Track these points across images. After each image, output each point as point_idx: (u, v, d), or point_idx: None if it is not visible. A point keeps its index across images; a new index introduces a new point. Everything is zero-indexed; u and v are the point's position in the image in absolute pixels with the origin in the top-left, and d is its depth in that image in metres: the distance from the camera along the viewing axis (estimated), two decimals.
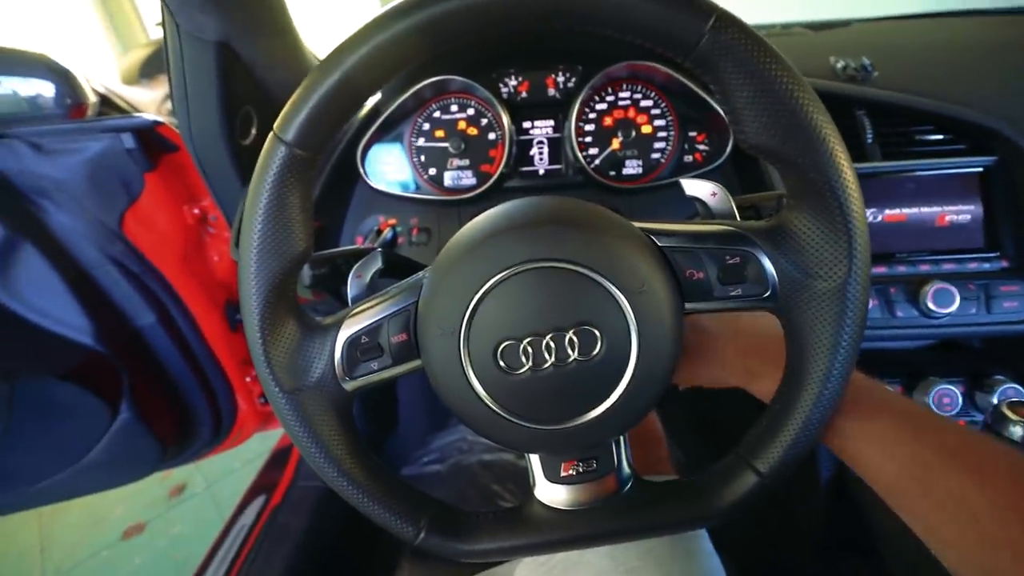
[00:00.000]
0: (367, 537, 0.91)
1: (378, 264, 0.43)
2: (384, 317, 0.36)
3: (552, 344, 0.32)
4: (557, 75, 0.67)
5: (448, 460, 1.05)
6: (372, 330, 0.36)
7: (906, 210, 0.62)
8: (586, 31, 0.31)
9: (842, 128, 0.65)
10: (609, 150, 0.67)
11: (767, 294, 0.34)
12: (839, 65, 0.69)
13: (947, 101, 0.62)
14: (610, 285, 0.32)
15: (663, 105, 0.66)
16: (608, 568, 0.49)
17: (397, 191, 0.69)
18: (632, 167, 0.67)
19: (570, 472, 0.38)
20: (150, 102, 0.97)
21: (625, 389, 0.33)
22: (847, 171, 0.31)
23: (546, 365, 0.32)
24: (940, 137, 0.63)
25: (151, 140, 0.77)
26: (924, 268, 0.61)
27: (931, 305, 0.57)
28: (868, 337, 0.59)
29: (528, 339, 0.32)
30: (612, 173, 0.67)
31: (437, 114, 0.69)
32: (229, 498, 1.52)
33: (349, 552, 0.90)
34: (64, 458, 0.82)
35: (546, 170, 0.68)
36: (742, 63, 0.30)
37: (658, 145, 0.67)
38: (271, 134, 0.33)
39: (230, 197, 0.69)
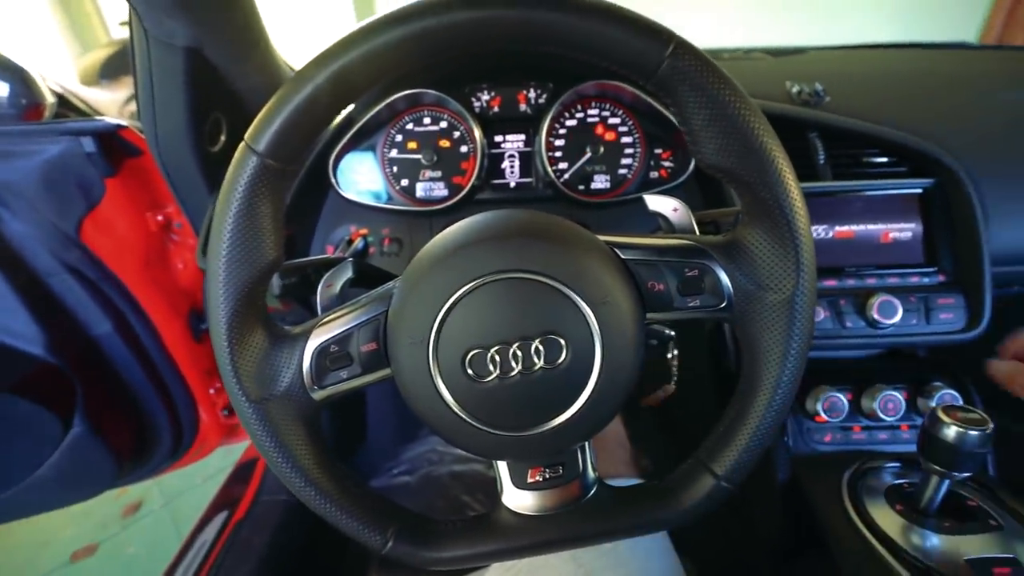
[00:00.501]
0: (334, 551, 0.89)
1: (348, 274, 0.44)
2: (354, 326, 0.37)
3: (519, 353, 0.33)
4: (528, 91, 0.69)
5: (418, 471, 1.04)
6: (342, 339, 0.37)
7: (854, 227, 0.66)
8: (553, 53, 0.32)
9: (796, 149, 0.68)
10: (578, 165, 0.69)
11: (723, 305, 0.36)
12: (794, 89, 0.73)
13: (892, 127, 0.66)
14: (575, 296, 0.33)
15: (630, 123, 0.69)
16: (571, 570, 0.50)
17: (369, 201, 0.69)
18: (600, 182, 0.69)
19: (537, 478, 0.39)
20: (110, 103, 0.94)
21: (589, 396, 0.34)
22: (795, 192, 0.33)
23: (513, 373, 0.33)
24: (885, 160, 0.68)
25: (113, 144, 0.75)
26: (871, 281, 0.65)
27: (876, 316, 0.61)
28: (821, 347, 0.62)
29: (496, 348, 0.33)
30: (581, 187, 0.69)
31: (410, 126, 0.69)
32: (189, 516, 1.46)
33: (315, 566, 0.88)
34: (10, 475, 0.78)
35: (517, 183, 0.70)
36: (698, 88, 0.32)
37: (625, 161, 0.69)
38: (242, 143, 0.33)
39: (197, 204, 0.68)
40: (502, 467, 0.40)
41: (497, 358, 0.33)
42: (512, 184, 0.70)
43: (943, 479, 0.49)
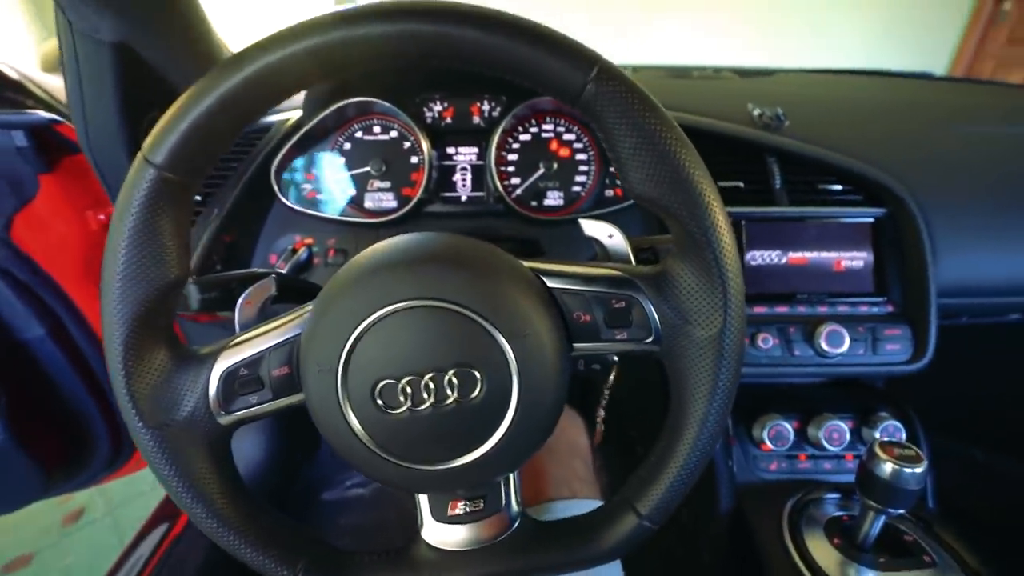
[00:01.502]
0: None
1: (271, 291, 0.42)
2: (266, 349, 0.35)
3: (431, 384, 0.31)
4: (482, 103, 0.67)
5: (372, 484, 1.01)
6: (252, 362, 0.35)
7: (808, 254, 0.66)
8: (475, 71, 0.31)
9: (754, 172, 0.67)
10: (530, 180, 0.67)
11: (650, 339, 0.35)
12: (756, 112, 0.72)
13: (848, 154, 0.66)
14: (491, 328, 0.31)
15: (585, 139, 0.68)
16: None
17: (314, 211, 0.66)
18: (553, 198, 0.67)
19: (457, 511, 0.38)
20: None
21: (507, 430, 0.33)
22: (723, 226, 0.32)
23: (424, 405, 0.32)
24: (840, 187, 0.68)
25: (49, 139, 0.71)
26: (822, 309, 0.65)
27: (824, 345, 0.60)
28: (769, 374, 0.62)
29: (407, 378, 0.31)
30: (533, 203, 0.67)
31: (359, 134, 0.67)
32: (132, 525, 1.39)
33: None
34: None
35: (468, 197, 0.68)
36: (624, 115, 0.31)
37: (579, 178, 0.68)
38: (139, 154, 0.31)
39: None
40: (422, 499, 0.39)
41: (408, 389, 0.32)
42: (463, 198, 0.68)
43: (879, 514, 0.49)
